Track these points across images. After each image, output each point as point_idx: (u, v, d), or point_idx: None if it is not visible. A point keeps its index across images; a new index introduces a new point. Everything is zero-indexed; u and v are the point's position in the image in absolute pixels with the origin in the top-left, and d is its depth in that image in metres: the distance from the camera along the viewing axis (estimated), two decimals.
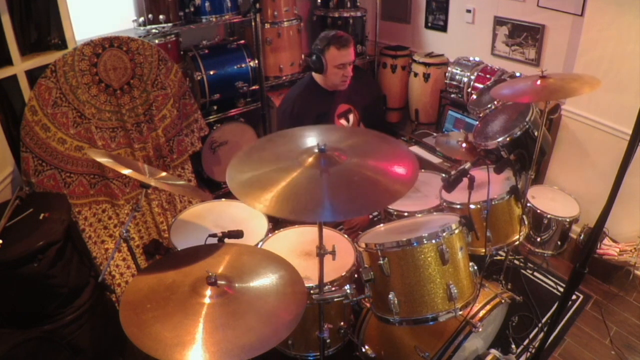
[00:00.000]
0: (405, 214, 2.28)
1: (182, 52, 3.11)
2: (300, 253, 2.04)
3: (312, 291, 1.75)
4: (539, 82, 1.97)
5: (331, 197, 1.23)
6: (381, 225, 2.02)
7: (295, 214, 1.22)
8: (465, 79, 3.31)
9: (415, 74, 3.76)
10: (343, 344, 2.08)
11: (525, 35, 3.15)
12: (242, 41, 3.35)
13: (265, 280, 1.43)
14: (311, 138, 1.46)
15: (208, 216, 2.24)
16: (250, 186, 1.30)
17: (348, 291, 1.63)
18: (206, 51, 3.15)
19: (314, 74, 2.45)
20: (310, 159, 1.34)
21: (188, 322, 1.23)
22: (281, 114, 2.49)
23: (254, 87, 3.33)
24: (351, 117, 2.58)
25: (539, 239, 2.81)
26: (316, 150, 1.34)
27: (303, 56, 3.66)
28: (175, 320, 1.25)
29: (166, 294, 1.35)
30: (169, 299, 1.33)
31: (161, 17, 2.84)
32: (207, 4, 2.98)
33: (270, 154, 1.46)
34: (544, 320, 2.45)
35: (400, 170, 1.34)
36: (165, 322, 1.24)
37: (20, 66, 2.23)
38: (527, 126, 2.06)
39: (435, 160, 3.16)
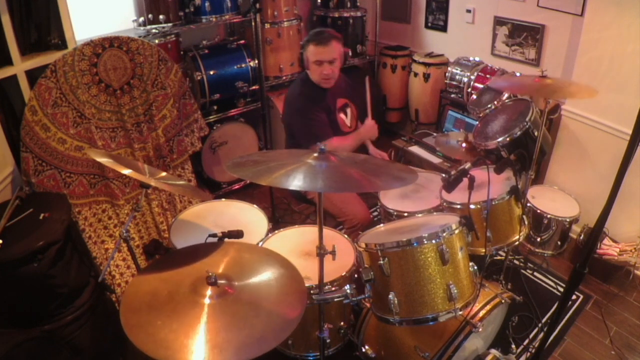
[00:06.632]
0: (405, 214, 2.27)
1: (182, 52, 3.11)
2: (300, 253, 2.04)
3: (312, 291, 1.76)
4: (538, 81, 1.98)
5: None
6: (381, 225, 2.02)
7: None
8: (465, 79, 3.31)
9: (415, 74, 3.77)
10: (343, 344, 2.08)
11: (525, 35, 3.15)
12: (242, 41, 3.35)
13: (266, 278, 1.43)
14: None
15: (208, 216, 2.23)
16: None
17: (348, 291, 1.62)
18: (206, 51, 3.16)
19: (307, 70, 2.47)
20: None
21: (189, 323, 1.23)
22: (288, 117, 2.50)
23: (254, 87, 3.33)
24: (349, 111, 2.58)
25: (539, 239, 2.81)
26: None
27: None
28: (176, 321, 1.25)
29: (166, 294, 1.35)
30: (169, 299, 1.33)
31: (161, 17, 2.84)
32: (207, 4, 2.98)
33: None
34: (544, 320, 2.45)
35: None
36: (166, 323, 1.24)
37: (20, 66, 2.23)
38: (527, 126, 2.06)
39: (435, 160, 3.15)
